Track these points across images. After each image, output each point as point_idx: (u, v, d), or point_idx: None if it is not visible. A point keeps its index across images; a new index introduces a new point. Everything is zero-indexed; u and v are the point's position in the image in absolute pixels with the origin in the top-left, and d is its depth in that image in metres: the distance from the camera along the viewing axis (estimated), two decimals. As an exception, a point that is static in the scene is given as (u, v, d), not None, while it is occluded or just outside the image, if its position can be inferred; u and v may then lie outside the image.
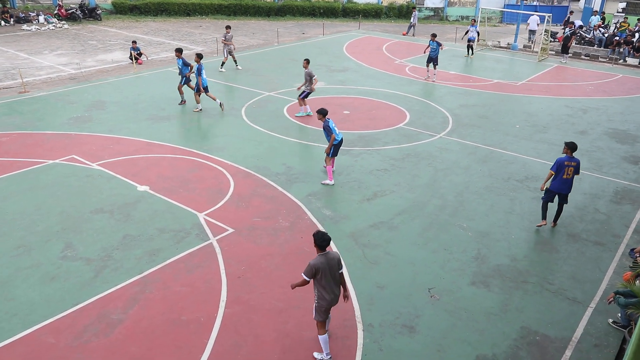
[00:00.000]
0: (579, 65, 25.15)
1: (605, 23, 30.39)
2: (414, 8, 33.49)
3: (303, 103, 16.04)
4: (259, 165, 12.65)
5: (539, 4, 37.39)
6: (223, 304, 7.96)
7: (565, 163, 9.79)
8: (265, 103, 17.46)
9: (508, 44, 28.99)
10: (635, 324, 7.17)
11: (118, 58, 23.28)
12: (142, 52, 22.78)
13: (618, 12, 34.65)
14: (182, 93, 16.97)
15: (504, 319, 7.89)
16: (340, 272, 6.78)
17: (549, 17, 25.93)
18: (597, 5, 33.88)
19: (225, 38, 21.06)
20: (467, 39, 25.58)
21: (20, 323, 7.46)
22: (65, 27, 30.20)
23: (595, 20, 29.75)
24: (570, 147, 9.86)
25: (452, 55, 26.00)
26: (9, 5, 32.30)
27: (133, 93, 18.07)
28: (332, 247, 6.80)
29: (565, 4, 39.17)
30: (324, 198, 11.28)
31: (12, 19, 30.32)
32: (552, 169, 9.93)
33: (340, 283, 6.83)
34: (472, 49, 25.58)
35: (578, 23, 30.14)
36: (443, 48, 22.66)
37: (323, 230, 6.65)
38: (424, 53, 21.56)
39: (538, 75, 22.73)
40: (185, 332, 7.40)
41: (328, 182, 11.81)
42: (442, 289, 8.49)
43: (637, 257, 8.97)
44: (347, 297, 6.96)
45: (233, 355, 7.01)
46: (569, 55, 26.18)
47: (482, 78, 21.83)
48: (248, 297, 8.14)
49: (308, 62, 15.80)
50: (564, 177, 9.84)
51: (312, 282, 6.69)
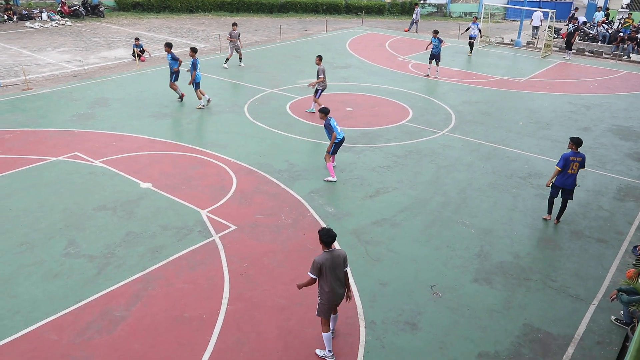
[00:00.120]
0: (583, 62, 25.05)
1: (609, 19, 30.25)
2: (416, 4, 33.39)
3: (318, 103, 15.65)
4: (262, 162, 12.65)
5: (543, 0, 37.18)
6: (225, 301, 7.98)
7: (571, 158, 9.89)
8: (268, 100, 17.45)
9: (511, 41, 28.87)
10: (638, 322, 7.16)
11: (121, 55, 23.29)
12: (144, 49, 22.79)
13: (622, 8, 34.47)
14: (176, 88, 16.81)
15: (507, 316, 7.88)
16: (345, 270, 6.76)
17: (553, 13, 25.83)
18: (601, 1, 33.72)
19: (231, 35, 21.03)
20: (468, 36, 25.49)
21: (23, 320, 7.49)
22: (68, 24, 30.23)
23: (599, 16, 29.63)
24: (576, 142, 9.94)
25: (454, 52, 25.91)
26: (12, 3, 32.36)
27: (136, 90, 18.09)
28: (335, 244, 6.75)
29: (569, 0, 38.96)
30: (327, 195, 11.28)
31: (15, 16, 30.36)
32: (558, 165, 9.98)
33: (344, 282, 6.81)
34: (471, 47, 25.48)
35: (582, 19, 30.01)
36: (444, 44, 22.60)
37: (328, 227, 6.63)
38: (426, 50, 21.51)
39: (541, 72, 22.64)
40: (188, 329, 7.42)
41: (330, 178, 11.83)
42: (444, 286, 8.49)
43: (640, 254, 8.95)
44: (349, 297, 6.94)
45: (235, 352, 7.03)
46: (573, 52, 26.08)
47: (485, 75, 21.76)
48: (250, 294, 8.15)
49: (321, 58, 15.52)
50: (569, 171, 9.94)
51: (308, 272, 6.66)
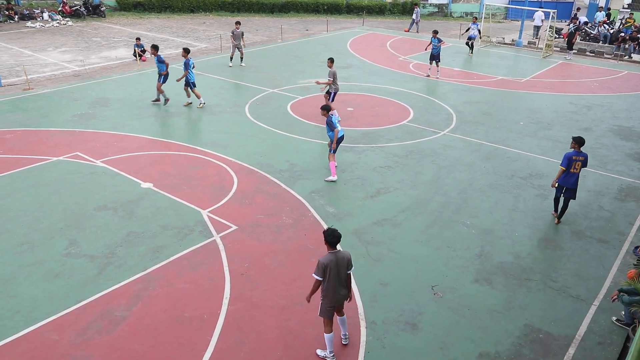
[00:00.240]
0: (584, 62, 25.02)
1: (611, 19, 30.21)
2: (416, 5, 33.39)
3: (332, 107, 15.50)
4: (262, 162, 12.65)
5: (544, 0, 37.14)
6: (226, 301, 7.98)
7: (574, 157, 9.93)
8: (269, 100, 17.45)
9: (512, 41, 28.84)
10: (639, 322, 7.15)
11: (122, 55, 23.30)
12: (145, 49, 22.78)
13: (623, 8, 34.42)
14: (162, 92, 16.51)
15: (507, 317, 7.87)
16: (349, 272, 6.74)
17: (554, 13, 25.80)
18: (602, 1, 33.67)
19: (234, 34, 20.99)
20: (467, 37, 25.47)
21: (23, 320, 7.49)
22: (70, 24, 30.25)
23: (601, 17, 29.59)
24: (578, 141, 9.99)
25: (455, 52, 25.90)
26: (14, 3, 32.38)
27: (137, 90, 18.10)
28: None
29: (570, 0, 38.91)
30: (328, 195, 11.27)
31: (16, 16, 30.39)
32: (562, 165, 10.02)
33: (347, 283, 6.78)
34: (472, 47, 25.45)
35: (583, 19, 29.97)
36: (444, 44, 22.58)
37: (333, 227, 6.61)
38: (425, 50, 21.49)
39: (542, 72, 22.62)
40: (189, 329, 7.42)
41: (331, 178, 11.83)
42: (445, 287, 8.48)
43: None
44: (349, 297, 6.93)
45: (236, 352, 7.03)
46: (574, 52, 26.05)
47: (486, 75, 21.74)
48: (251, 294, 8.15)
49: (332, 61, 15.14)
50: (572, 170, 9.99)
51: (312, 274, 6.63)
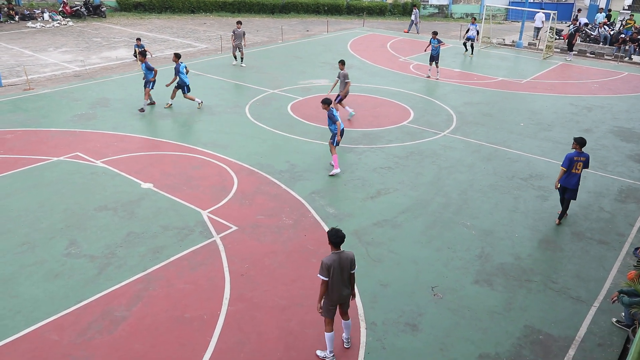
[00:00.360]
0: (584, 63, 25.03)
1: (611, 20, 30.21)
2: (415, 6, 33.41)
3: (341, 106, 15.38)
4: (263, 163, 12.65)
5: (545, 1, 37.16)
6: (226, 302, 7.98)
7: (575, 158, 9.96)
8: (269, 100, 17.45)
9: (513, 42, 28.86)
10: (639, 324, 7.15)
11: (122, 55, 23.31)
12: (146, 49, 22.76)
13: (624, 9, 34.39)
14: (147, 98, 16.19)
15: (508, 318, 7.87)
16: (352, 273, 6.75)
17: (554, 14, 25.81)
18: (602, 3, 33.66)
19: (235, 34, 21.00)
20: (466, 37, 25.51)
21: (24, 320, 7.49)
22: (70, 24, 30.27)
23: (601, 18, 29.58)
24: (579, 142, 10.02)
25: (455, 53, 25.91)
26: (14, 3, 32.39)
27: (137, 90, 18.08)
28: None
29: (571, 1, 38.94)
30: (328, 196, 11.27)
31: (17, 16, 30.40)
32: (563, 166, 10.05)
33: (350, 283, 6.79)
34: (472, 48, 25.45)
35: (583, 20, 29.97)
36: (444, 46, 22.59)
37: (337, 228, 6.60)
38: (425, 51, 21.50)
39: (543, 73, 22.63)
40: (189, 329, 7.42)
41: (335, 171, 12.01)
42: (445, 288, 8.48)
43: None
44: (353, 295, 6.95)
45: (236, 353, 7.03)
46: (574, 53, 26.06)
47: (486, 76, 21.75)
48: (251, 294, 8.15)
49: (344, 63, 14.99)
50: (573, 171, 10.01)
51: (317, 275, 6.62)
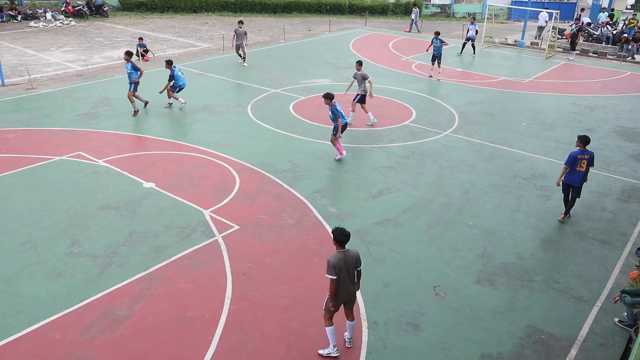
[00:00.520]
0: (587, 63, 24.97)
1: (614, 20, 30.14)
2: (415, 5, 33.39)
3: (355, 108, 15.21)
4: (265, 162, 12.66)
5: (547, 1, 37.08)
6: (228, 301, 7.98)
7: (579, 156, 10.03)
8: (272, 100, 17.46)
9: (515, 41, 28.81)
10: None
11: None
12: (148, 48, 22.84)
13: (627, 8, 34.33)
14: (133, 101, 15.59)
15: (510, 318, 7.86)
16: (359, 269, 6.80)
17: (557, 13, 25.75)
18: (605, 2, 33.60)
19: (237, 33, 21.02)
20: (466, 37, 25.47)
21: (27, 319, 7.51)
22: (72, 23, 30.31)
23: (604, 17, 29.52)
24: (583, 140, 10.07)
25: (456, 53, 25.85)
26: (17, 2, 32.46)
27: (139, 90, 18.01)
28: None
29: (574, 1, 38.85)
30: (330, 195, 11.27)
31: (19, 16, 30.46)
32: (565, 164, 10.14)
33: (356, 280, 6.83)
34: (473, 47, 25.40)
35: (586, 20, 29.91)
36: (447, 45, 22.55)
37: (342, 227, 6.62)
38: (427, 51, 21.48)
39: (545, 73, 22.59)
40: (191, 328, 7.43)
41: (340, 156, 12.61)
42: (447, 287, 8.47)
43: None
44: (357, 287, 6.95)
45: (238, 352, 7.03)
46: (577, 53, 25.99)
47: (488, 75, 21.72)
48: (253, 294, 8.16)
49: (361, 64, 14.89)
50: (577, 168, 10.08)
51: (325, 275, 6.63)
